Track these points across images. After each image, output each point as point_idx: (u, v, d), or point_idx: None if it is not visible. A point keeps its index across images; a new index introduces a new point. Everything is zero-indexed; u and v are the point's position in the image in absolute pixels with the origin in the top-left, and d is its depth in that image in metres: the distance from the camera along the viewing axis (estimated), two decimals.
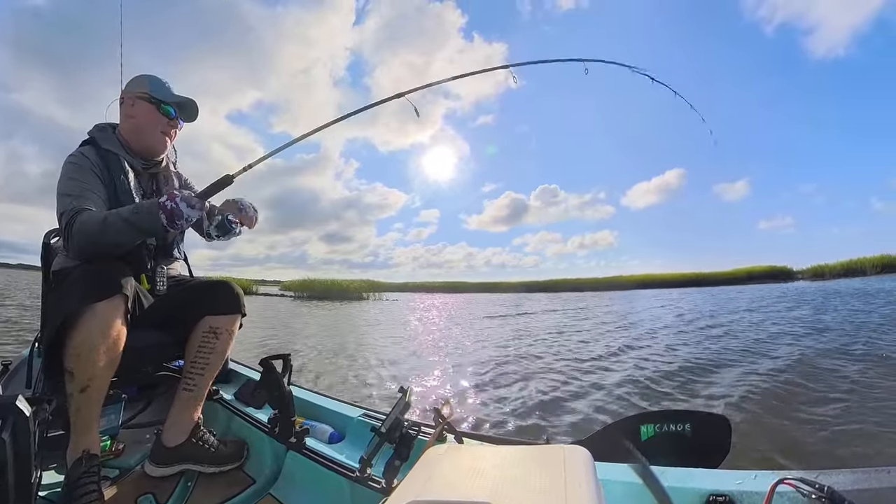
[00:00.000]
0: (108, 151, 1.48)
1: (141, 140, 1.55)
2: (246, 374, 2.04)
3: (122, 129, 1.56)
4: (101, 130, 1.54)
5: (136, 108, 1.53)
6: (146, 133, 1.54)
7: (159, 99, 1.53)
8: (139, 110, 1.52)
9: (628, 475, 0.87)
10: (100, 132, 1.53)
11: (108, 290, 1.21)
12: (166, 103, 1.54)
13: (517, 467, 0.67)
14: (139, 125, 1.53)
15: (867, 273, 36.65)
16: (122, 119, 1.56)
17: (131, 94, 1.54)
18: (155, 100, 1.52)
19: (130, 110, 1.53)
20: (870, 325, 8.14)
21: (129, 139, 1.54)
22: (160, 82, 1.55)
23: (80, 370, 1.18)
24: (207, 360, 1.53)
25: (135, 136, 1.54)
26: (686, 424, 1.05)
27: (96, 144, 1.48)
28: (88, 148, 1.47)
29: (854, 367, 4.91)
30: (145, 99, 1.52)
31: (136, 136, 1.54)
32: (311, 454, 1.39)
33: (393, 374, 5.69)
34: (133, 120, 1.53)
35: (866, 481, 0.76)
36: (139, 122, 1.53)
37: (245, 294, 1.65)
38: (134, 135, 1.54)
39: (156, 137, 1.55)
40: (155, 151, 1.59)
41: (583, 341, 8.23)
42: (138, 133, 1.54)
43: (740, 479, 0.83)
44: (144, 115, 1.53)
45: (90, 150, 1.45)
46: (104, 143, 1.49)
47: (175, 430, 1.49)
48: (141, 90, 1.53)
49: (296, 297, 37.08)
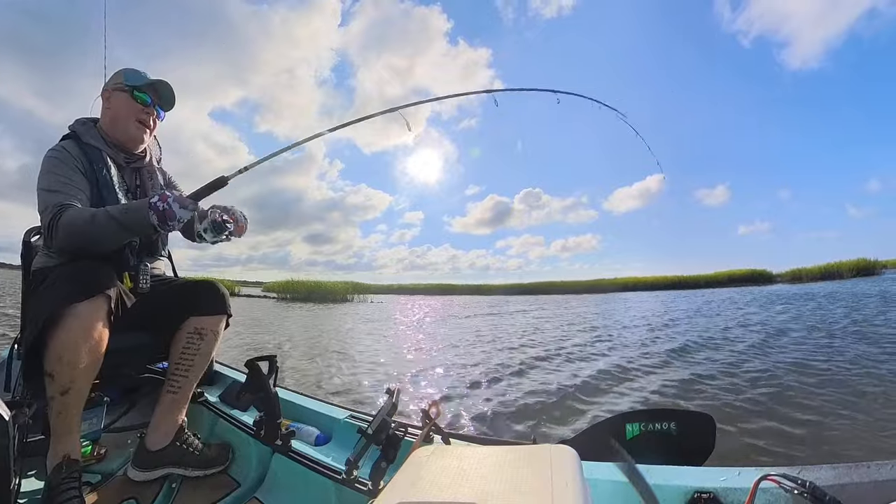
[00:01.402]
0: (89, 146, 1.47)
1: (118, 130, 1.54)
2: (231, 375, 2.02)
3: (103, 122, 1.56)
4: (82, 125, 1.53)
5: (112, 100, 1.54)
6: (121, 122, 1.54)
7: (132, 86, 1.53)
8: (115, 101, 1.53)
9: (615, 474, 0.88)
10: (81, 126, 1.52)
11: (90, 289, 1.18)
12: (140, 90, 1.54)
13: (504, 468, 0.67)
14: (115, 115, 1.54)
15: (844, 276, 37.47)
16: (103, 113, 1.56)
17: (109, 86, 1.55)
18: (128, 87, 1.53)
19: (108, 102, 1.54)
20: (855, 324, 8.34)
21: (109, 131, 1.54)
22: (134, 70, 1.56)
23: (60, 372, 1.15)
24: (192, 361, 1.50)
25: (112, 127, 1.54)
26: (671, 423, 1.06)
27: (78, 139, 1.47)
28: (69, 142, 1.45)
29: (837, 365, 5.03)
30: (120, 89, 1.53)
31: (113, 127, 1.54)
32: (297, 456, 1.38)
33: (380, 374, 5.67)
34: (110, 111, 1.54)
35: (847, 476, 0.78)
36: (115, 112, 1.54)
37: None
38: (111, 126, 1.54)
39: (131, 125, 1.55)
40: (133, 142, 1.57)
41: (566, 339, 8.28)
42: (115, 123, 1.54)
43: (724, 476, 0.84)
44: (119, 104, 1.53)
45: (71, 145, 1.44)
46: (86, 137, 1.48)
47: (159, 433, 1.47)
48: (118, 82, 1.54)
49: (279, 298, 36.71)
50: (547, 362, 6.14)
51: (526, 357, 6.58)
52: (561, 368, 5.73)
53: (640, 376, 5.08)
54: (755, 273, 49.49)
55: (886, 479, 0.76)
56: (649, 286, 51.88)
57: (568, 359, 6.39)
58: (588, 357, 6.52)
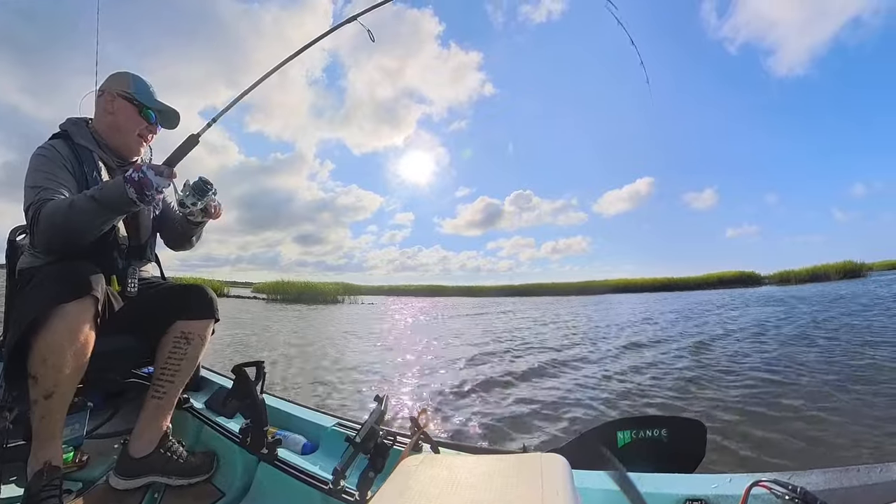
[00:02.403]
0: (80, 146, 1.43)
1: (116, 138, 1.52)
2: (218, 381, 1.99)
3: (98, 124, 1.52)
4: (74, 125, 1.49)
5: (115, 106, 1.50)
6: (123, 133, 1.52)
7: (142, 102, 1.52)
8: (119, 109, 1.51)
9: (606, 482, 0.88)
10: (73, 126, 1.48)
11: (77, 290, 1.16)
12: (148, 108, 1.53)
13: (494, 477, 0.67)
14: (117, 124, 1.51)
15: (831, 278, 38.04)
16: (100, 114, 1.53)
17: (112, 90, 1.51)
18: (137, 102, 1.51)
19: (110, 106, 1.51)
20: (849, 328, 8.44)
21: (105, 135, 1.51)
22: (145, 85, 1.54)
23: (45, 375, 1.12)
24: (178, 366, 1.48)
25: (110, 133, 1.52)
26: (662, 430, 1.06)
27: (69, 138, 1.44)
28: (59, 141, 1.42)
29: (829, 367, 5.09)
30: (127, 99, 1.51)
31: (111, 134, 1.52)
32: (283, 466, 1.36)
33: (369, 380, 5.64)
34: (111, 117, 1.51)
35: (837, 481, 0.78)
36: (117, 120, 1.51)
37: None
38: (109, 132, 1.51)
39: (132, 139, 1.54)
40: (129, 152, 1.56)
41: (558, 343, 8.30)
42: (114, 131, 1.51)
43: (716, 483, 0.84)
44: (124, 114, 1.51)
45: (61, 144, 1.40)
46: (77, 137, 1.45)
47: (142, 440, 1.44)
48: (123, 89, 1.51)
49: (269, 299, 36.44)
50: (538, 368, 6.13)
51: (516, 363, 6.58)
52: (552, 374, 5.73)
53: (632, 381, 5.10)
54: (744, 275, 50.15)
55: (876, 482, 0.76)
56: (640, 288, 52.31)
57: (560, 364, 6.39)
58: (580, 362, 6.53)
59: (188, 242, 1.73)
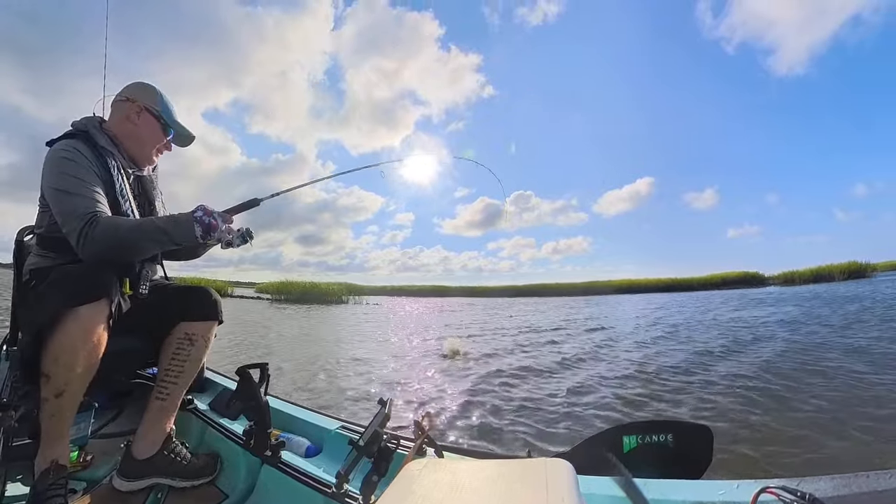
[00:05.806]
0: (104, 150, 1.40)
1: (134, 147, 1.53)
2: (222, 383, 1.99)
3: (116, 128, 1.50)
4: (93, 126, 1.44)
5: (141, 118, 1.52)
6: (142, 144, 1.54)
7: (167, 121, 1.56)
8: (144, 122, 1.53)
9: (611, 488, 0.87)
10: (93, 128, 1.43)
11: (93, 293, 1.16)
12: (171, 127, 1.58)
13: (498, 482, 0.66)
14: (139, 135, 1.53)
15: (835, 279, 37.83)
16: (119, 119, 1.51)
17: (140, 102, 1.52)
18: (163, 120, 1.55)
19: (135, 117, 1.52)
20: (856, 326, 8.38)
21: (124, 142, 1.50)
22: (169, 104, 1.59)
23: (56, 374, 1.13)
24: (182, 367, 1.48)
25: (130, 142, 1.52)
26: (668, 435, 1.04)
27: (90, 140, 1.39)
28: (79, 143, 1.35)
29: (837, 372, 5.03)
30: (154, 115, 1.53)
31: (130, 143, 1.52)
32: (287, 468, 1.35)
33: (375, 383, 5.62)
34: (133, 127, 1.52)
35: (846, 487, 0.77)
36: (140, 132, 1.53)
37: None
38: (128, 140, 1.51)
39: (150, 151, 1.57)
40: (143, 162, 1.58)
41: (563, 345, 8.27)
42: (133, 140, 1.52)
43: (723, 490, 0.83)
44: (148, 128, 1.54)
45: (83, 146, 1.35)
46: (99, 139, 1.41)
47: (146, 441, 1.44)
48: (152, 104, 1.53)
49: (273, 299, 36.56)
50: (543, 370, 6.11)
51: (523, 364, 6.55)
52: (558, 377, 5.69)
53: (639, 385, 5.05)
54: (748, 276, 50.01)
55: (886, 488, 0.75)
56: (644, 288, 52.24)
57: (565, 367, 6.36)
58: (586, 364, 6.51)
59: (195, 257, 1.75)
